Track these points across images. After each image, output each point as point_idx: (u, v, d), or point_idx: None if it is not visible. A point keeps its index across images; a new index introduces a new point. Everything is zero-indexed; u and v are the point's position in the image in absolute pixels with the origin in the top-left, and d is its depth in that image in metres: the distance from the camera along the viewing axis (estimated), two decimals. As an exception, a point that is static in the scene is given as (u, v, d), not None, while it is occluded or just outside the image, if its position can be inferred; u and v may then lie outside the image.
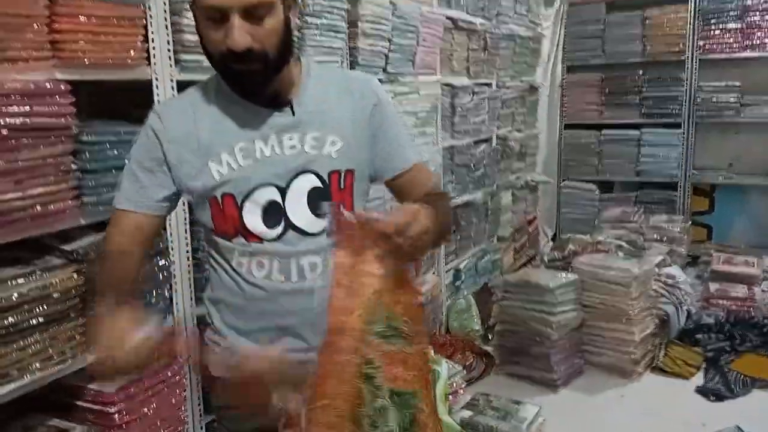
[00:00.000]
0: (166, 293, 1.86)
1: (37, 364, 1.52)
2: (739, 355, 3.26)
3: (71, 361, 1.60)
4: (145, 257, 1.30)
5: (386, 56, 2.82)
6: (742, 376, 3.07)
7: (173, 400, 1.87)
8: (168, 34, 1.82)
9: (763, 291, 3.77)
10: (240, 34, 1.06)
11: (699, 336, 3.40)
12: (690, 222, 4.59)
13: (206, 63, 1.88)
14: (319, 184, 1.19)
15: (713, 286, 3.81)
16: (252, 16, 1.07)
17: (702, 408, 2.86)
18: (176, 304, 1.89)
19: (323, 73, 1.27)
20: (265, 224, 1.18)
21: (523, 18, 4.27)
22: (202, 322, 1.40)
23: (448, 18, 3.36)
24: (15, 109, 1.43)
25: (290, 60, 1.18)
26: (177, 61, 1.86)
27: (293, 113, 1.19)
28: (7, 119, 1.41)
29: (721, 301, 3.71)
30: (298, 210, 1.18)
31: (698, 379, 3.11)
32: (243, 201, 1.17)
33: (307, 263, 1.19)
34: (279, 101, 1.19)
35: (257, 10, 1.07)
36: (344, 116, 1.22)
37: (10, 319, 1.45)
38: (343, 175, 1.21)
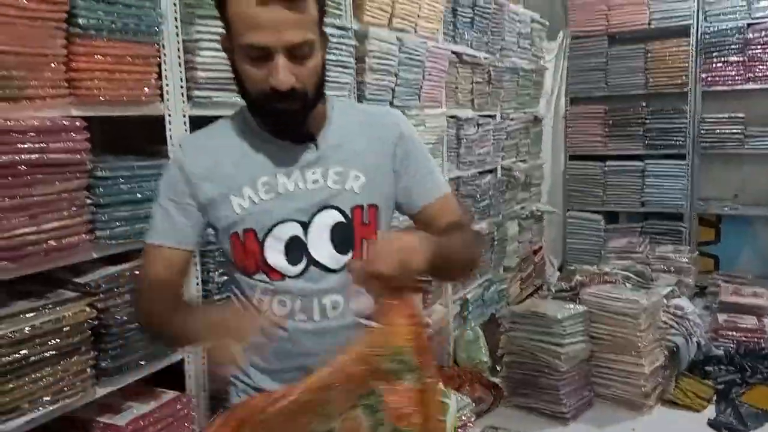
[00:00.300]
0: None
1: (49, 397, 1.52)
2: (750, 387, 3.23)
3: (82, 394, 1.60)
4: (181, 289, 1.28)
5: (393, 90, 2.86)
6: (755, 409, 3.03)
7: (182, 434, 1.86)
8: (181, 72, 1.87)
9: (773, 323, 3.74)
10: (285, 74, 1.05)
11: (709, 368, 3.37)
12: (696, 252, 4.58)
13: (217, 98, 1.96)
14: (342, 219, 1.18)
15: (722, 317, 3.78)
16: (295, 56, 1.06)
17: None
18: (186, 336, 1.89)
19: (346, 109, 1.26)
20: (288, 260, 1.16)
21: (526, 52, 4.34)
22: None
23: (453, 53, 3.42)
24: (31, 145, 1.46)
25: (323, 97, 1.18)
26: (189, 97, 1.90)
27: (317, 148, 1.18)
28: (23, 155, 1.44)
29: (730, 333, 3.69)
30: (320, 245, 1.16)
31: (710, 411, 3.08)
32: (265, 236, 1.16)
33: (330, 302, 1.17)
34: (304, 137, 1.18)
35: (301, 49, 1.06)
36: (367, 151, 1.21)
37: (23, 353, 1.46)
38: (366, 209, 1.19)
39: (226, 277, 1.87)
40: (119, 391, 1.75)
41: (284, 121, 1.13)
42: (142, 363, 1.77)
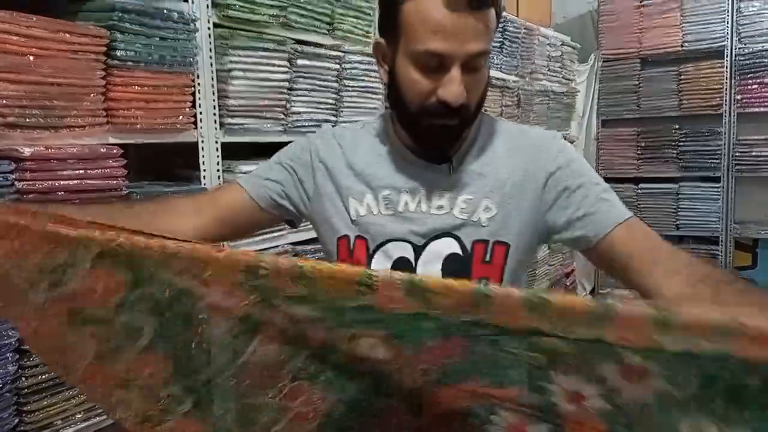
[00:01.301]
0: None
1: (80, 415, 1.57)
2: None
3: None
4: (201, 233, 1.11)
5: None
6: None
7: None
8: (214, 100, 1.93)
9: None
10: (460, 88, 0.96)
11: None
12: (733, 277, 4.47)
13: (248, 125, 2.02)
14: (459, 251, 1.05)
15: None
16: (469, 68, 0.97)
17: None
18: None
19: (495, 128, 1.12)
20: None
21: (557, 74, 4.35)
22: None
23: (482, 76, 3.44)
24: (71, 172, 1.52)
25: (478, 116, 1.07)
26: (222, 125, 1.96)
27: (451, 172, 1.07)
28: (63, 182, 1.51)
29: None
30: (430, 273, 1.03)
31: None
32: (375, 250, 1.07)
33: None
34: (441, 156, 1.07)
35: (477, 61, 0.97)
36: (509, 180, 1.06)
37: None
38: (491, 246, 1.05)
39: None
40: (149, 410, 1.80)
41: (440, 137, 1.03)
42: (172, 382, 1.81)
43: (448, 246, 1.05)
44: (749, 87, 4.46)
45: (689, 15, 4.60)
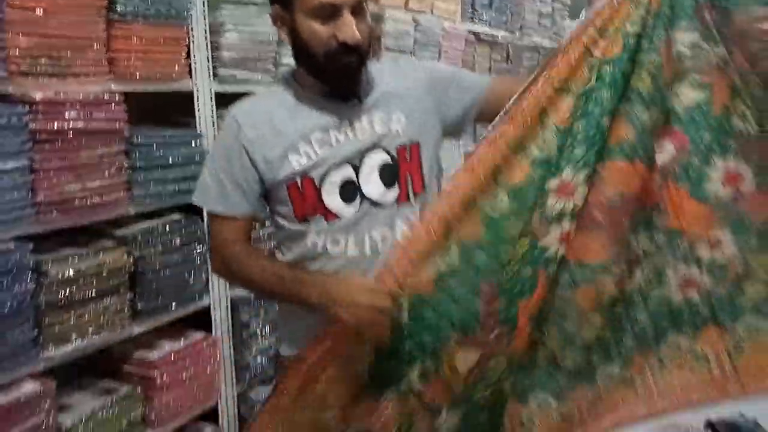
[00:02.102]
0: (203, 276, 2.13)
1: (92, 330, 1.79)
2: None
3: (121, 330, 1.86)
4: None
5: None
6: None
7: (208, 370, 2.13)
8: (207, 52, 2.10)
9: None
10: (354, 29, 1.17)
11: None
12: None
13: (240, 76, 2.19)
14: (389, 160, 1.28)
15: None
16: (357, 12, 1.18)
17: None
18: (211, 284, 2.16)
19: (377, 64, 1.37)
20: (343, 201, 1.26)
21: (547, 30, 4.45)
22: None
23: (471, 32, 3.58)
24: (77, 115, 1.71)
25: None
26: (215, 75, 2.14)
27: (361, 102, 1.29)
28: (71, 123, 1.70)
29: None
30: (371, 184, 1.27)
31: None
32: (321, 182, 1.26)
33: (379, 236, 1.27)
34: (351, 94, 1.28)
35: (362, 7, 1.19)
36: (403, 93, 1.32)
37: (71, 291, 1.72)
38: (408, 148, 1.30)
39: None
40: (153, 331, 2.01)
41: (346, 76, 1.24)
42: (173, 306, 2.03)
43: (379, 157, 1.29)
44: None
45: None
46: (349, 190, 1.27)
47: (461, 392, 1.23)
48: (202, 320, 2.17)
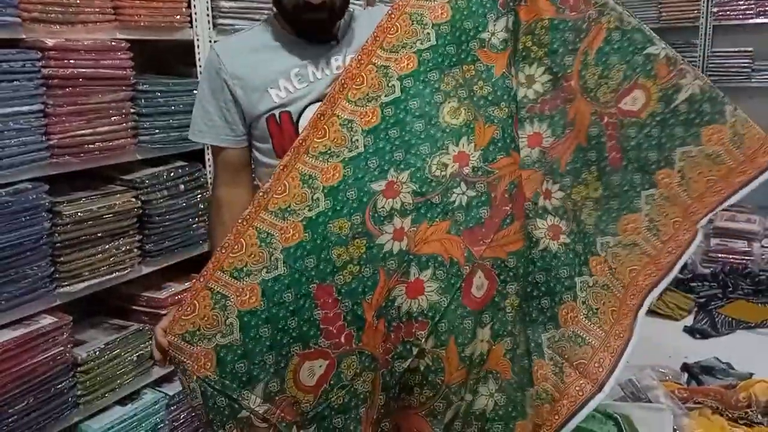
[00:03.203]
0: (205, 222, 2.21)
1: (105, 268, 1.88)
2: (729, 301, 3.50)
3: (130, 269, 1.96)
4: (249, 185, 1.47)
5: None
6: (729, 319, 3.32)
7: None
8: (207, 1, 2.15)
9: (762, 246, 3.97)
10: None
11: (694, 284, 3.65)
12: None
13: (239, 26, 2.24)
14: None
15: (714, 241, 4.01)
16: None
17: (686, 344, 3.13)
18: (214, 229, 2.25)
19: (354, 12, 1.47)
20: None
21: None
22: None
23: None
24: (86, 61, 1.78)
25: (347, 7, 1.38)
26: (215, 25, 2.19)
27: (338, 42, 1.39)
28: (81, 69, 1.76)
29: (720, 255, 3.93)
30: None
31: (688, 321, 3.37)
32: (299, 117, 1.34)
33: None
34: (328, 37, 1.38)
35: None
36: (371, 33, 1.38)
37: (82, 231, 1.81)
38: None
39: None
40: (159, 272, 2.11)
41: (313, 30, 1.34)
42: (179, 249, 2.12)
43: None
44: (725, 0, 4.61)
45: (672, -73, 4.69)
46: None
47: (312, 405, 1.20)
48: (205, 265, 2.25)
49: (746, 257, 3.87)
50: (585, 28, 1.37)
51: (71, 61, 1.74)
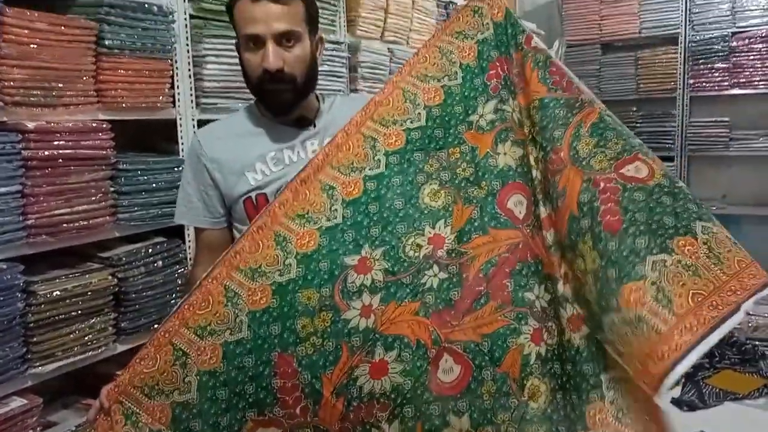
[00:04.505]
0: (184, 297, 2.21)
1: (78, 348, 1.86)
2: (716, 371, 3.47)
3: (104, 348, 1.94)
4: None
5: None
6: (717, 390, 3.28)
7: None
8: (191, 82, 2.21)
9: (747, 314, 3.96)
10: (274, 57, 1.31)
11: (680, 354, 3.62)
12: (685, 250, 4.80)
13: (221, 105, 2.30)
14: None
15: (700, 309, 4.01)
16: (282, 44, 1.32)
17: (674, 416, 3.08)
18: (192, 305, 2.23)
19: (333, 99, 1.53)
20: None
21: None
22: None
23: (445, 61, 3.72)
24: (66, 143, 1.80)
25: (314, 87, 1.44)
26: (197, 104, 2.25)
27: (314, 127, 1.44)
28: (61, 151, 1.79)
29: (706, 323, 3.92)
30: None
31: (675, 392, 3.33)
32: (274, 198, 1.34)
33: None
34: (305, 123, 1.44)
35: (287, 37, 1.32)
36: None
37: (57, 310, 1.80)
38: None
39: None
40: (135, 350, 2.08)
41: (277, 101, 1.37)
42: (156, 326, 2.10)
43: None
44: (701, 72, 4.76)
45: (646, 4, 4.89)
46: None
47: None
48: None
49: (732, 325, 3.85)
50: (578, 106, 1.33)
51: (52, 143, 1.77)
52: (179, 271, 2.17)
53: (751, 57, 4.57)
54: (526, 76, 1.36)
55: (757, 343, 3.71)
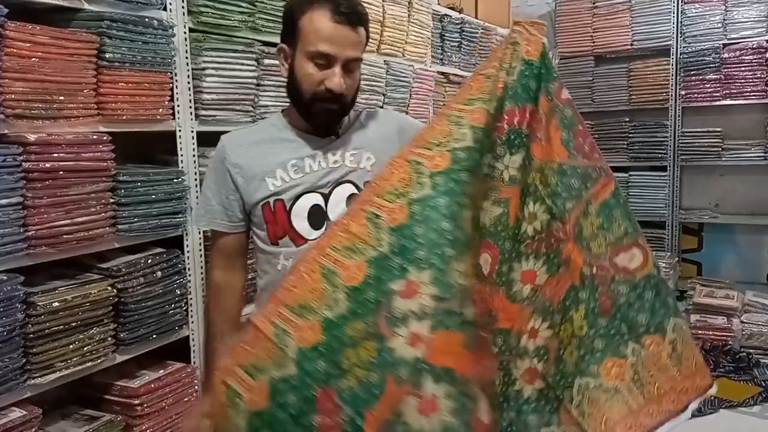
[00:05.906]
0: (182, 308, 2.22)
1: (77, 359, 1.87)
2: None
3: (103, 359, 1.94)
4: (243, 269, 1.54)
5: (381, 108, 3.21)
6: (712, 398, 3.30)
7: (186, 398, 2.21)
8: (190, 95, 2.23)
9: (741, 322, 4.00)
10: (343, 80, 1.34)
11: (675, 363, 3.64)
12: (679, 259, 4.85)
13: (220, 117, 2.32)
14: (356, 192, 1.42)
15: (694, 318, 4.05)
16: (347, 68, 1.35)
17: (669, 425, 3.10)
18: (191, 316, 2.25)
19: (358, 112, 1.53)
20: (311, 226, 1.40)
21: (514, 71, 4.67)
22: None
23: (441, 73, 3.76)
24: (67, 155, 1.82)
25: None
26: (197, 116, 2.26)
27: (338, 137, 1.46)
28: (62, 163, 1.81)
29: (701, 332, 3.94)
30: (338, 211, 1.38)
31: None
32: (291, 206, 1.40)
33: None
34: (329, 133, 1.45)
35: (354, 63, 1.37)
36: (376, 138, 1.47)
37: (57, 321, 1.81)
38: None
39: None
40: (134, 360, 2.09)
41: (326, 118, 1.41)
42: (154, 336, 2.12)
43: (348, 190, 1.43)
44: (693, 83, 4.82)
45: (638, 16, 4.95)
46: (317, 217, 1.40)
47: None
48: (181, 351, 2.25)
49: (726, 333, 3.88)
50: (594, 177, 1.29)
51: (52, 155, 1.78)
52: (178, 281, 2.18)
53: (742, 68, 4.63)
54: (550, 134, 1.27)
55: (750, 351, 3.76)
